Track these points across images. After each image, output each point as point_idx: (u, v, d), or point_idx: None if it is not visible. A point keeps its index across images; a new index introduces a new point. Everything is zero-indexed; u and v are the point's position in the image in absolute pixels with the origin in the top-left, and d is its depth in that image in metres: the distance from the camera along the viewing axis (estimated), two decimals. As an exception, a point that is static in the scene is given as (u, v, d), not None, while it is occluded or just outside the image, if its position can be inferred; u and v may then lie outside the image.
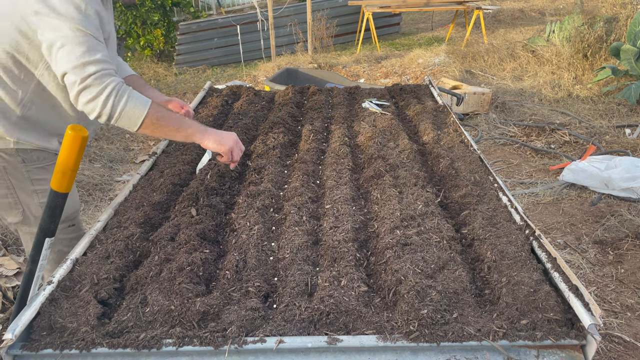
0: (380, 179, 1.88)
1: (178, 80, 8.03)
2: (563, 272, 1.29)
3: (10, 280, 2.73)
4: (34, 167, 1.81)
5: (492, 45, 7.95)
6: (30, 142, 1.77)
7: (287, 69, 5.29)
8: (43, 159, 1.82)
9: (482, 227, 1.55)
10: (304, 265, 1.41)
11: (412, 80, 7.09)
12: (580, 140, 4.77)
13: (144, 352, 1.15)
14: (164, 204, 1.82)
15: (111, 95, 1.53)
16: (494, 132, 5.15)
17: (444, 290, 1.26)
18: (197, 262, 1.41)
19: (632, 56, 5.55)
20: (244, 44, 8.37)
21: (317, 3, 9.14)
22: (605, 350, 2.39)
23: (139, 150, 5.18)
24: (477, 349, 1.14)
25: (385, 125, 2.41)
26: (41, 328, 1.22)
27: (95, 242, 1.57)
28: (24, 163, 1.79)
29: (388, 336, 1.15)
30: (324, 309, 1.20)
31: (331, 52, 8.87)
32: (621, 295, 2.77)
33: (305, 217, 1.66)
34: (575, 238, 3.29)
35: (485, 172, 1.92)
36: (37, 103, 1.74)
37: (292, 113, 2.70)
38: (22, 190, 1.82)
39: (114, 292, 1.36)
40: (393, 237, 1.47)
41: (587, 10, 7.76)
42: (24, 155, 1.78)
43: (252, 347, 1.14)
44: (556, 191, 3.86)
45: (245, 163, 2.17)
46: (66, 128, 1.48)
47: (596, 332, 1.09)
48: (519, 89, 6.27)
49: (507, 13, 10.72)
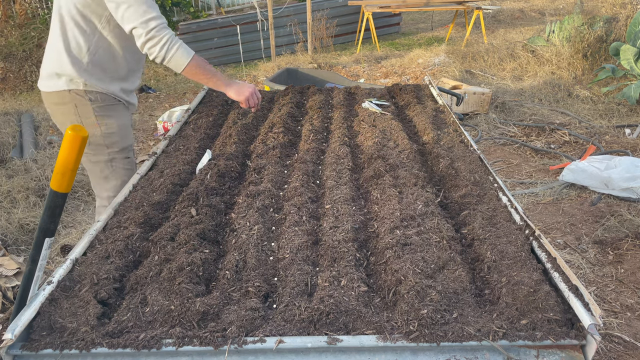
0: (380, 179, 1.88)
1: (178, 80, 8.03)
2: (563, 272, 1.29)
3: (10, 280, 2.73)
4: (97, 105, 2.24)
5: (492, 45, 7.95)
6: (95, 85, 2.20)
7: (287, 69, 5.29)
8: (104, 100, 2.25)
9: (482, 227, 1.55)
10: (304, 265, 1.41)
11: (412, 80, 7.09)
12: (580, 140, 4.77)
13: (144, 352, 1.14)
14: (164, 204, 1.82)
15: (166, 43, 2.06)
16: (494, 132, 5.16)
17: (444, 290, 1.26)
18: (197, 262, 1.41)
19: (632, 56, 5.55)
20: (244, 44, 8.37)
21: (317, 3, 9.14)
22: (605, 350, 2.39)
23: (139, 151, 5.18)
24: (477, 349, 1.14)
25: (385, 125, 2.41)
26: (41, 328, 1.22)
27: (95, 242, 1.57)
28: (91, 102, 2.22)
29: (388, 336, 1.15)
30: (323, 309, 1.20)
31: (331, 52, 8.87)
32: (621, 295, 2.77)
33: (305, 217, 1.66)
34: (575, 238, 3.29)
35: (485, 172, 1.92)
36: (99, 52, 2.18)
37: (292, 113, 2.70)
38: (88, 122, 2.23)
39: (114, 292, 1.36)
40: (393, 237, 1.47)
41: (587, 10, 7.77)
42: (91, 95, 2.21)
43: (252, 347, 1.14)
44: (556, 191, 3.86)
45: (245, 163, 2.18)
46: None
47: (596, 332, 1.09)
48: (519, 89, 6.27)
49: (507, 13, 10.72)
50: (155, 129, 5.71)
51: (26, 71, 7.61)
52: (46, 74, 2.24)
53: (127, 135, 2.36)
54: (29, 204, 3.82)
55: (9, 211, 3.70)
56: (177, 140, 2.40)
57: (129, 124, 2.42)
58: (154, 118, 6.15)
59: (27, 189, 3.98)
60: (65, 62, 2.16)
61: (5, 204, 3.82)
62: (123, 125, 2.34)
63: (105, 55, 2.20)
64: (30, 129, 5.26)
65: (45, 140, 5.05)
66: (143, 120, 6.18)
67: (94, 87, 2.21)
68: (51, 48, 2.21)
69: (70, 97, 2.20)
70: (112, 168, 2.34)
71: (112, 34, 2.16)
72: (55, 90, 2.21)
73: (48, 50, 2.24)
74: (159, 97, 7.24)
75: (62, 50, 2.15)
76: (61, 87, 2.20)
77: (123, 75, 2.31)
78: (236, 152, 2.19)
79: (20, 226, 3.53)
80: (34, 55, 7.63)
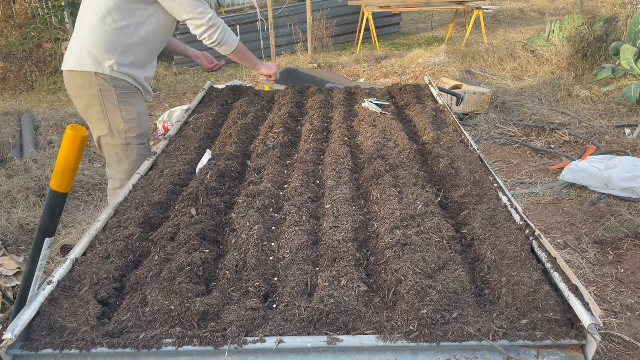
0: (380, 179, 1.88)
1: (178, 80, 8.03)
2: (563, 272, 1.29)
3: (10, 280, 2.73)
4: (120, 92, 2.37)
5: (492, 45, 7.95)
6: (121, 71, 2.33)
7: (287, 69, 5.29)
8: (127, 87, 2.39)
9: (482, 227, 1.55)
10: (304, 265, 1.41)
11: (412, 80, 7.09)
12: (580, 140, 4.77)
13: (144, 352, 1.14)
14: (164, 204, 1.82)
15: (223, 31, 2.45)
16: (494, 132, 5.15)
17: (444, 290, 1.26)
18: (197, 262, 1.41)
19: (632, 56, 5.55)
20: (244, 43, 8.37)
21: (317, 3, 9.14)
22: (605, 350, 2.39)
23: (139, 150, 5.17)
24: (477, 349, 1.14)
25: (385, 125, 2.41)
26: (41, 328, 1.22)
27: (95, 242, 1.57)
28: (115, 88, 2.34)
29: (388, 336, 1.15)
30: (324, 309, 1.20)
31: (331, 52, 8.87)
32: (621, 295, 2.77)
33: (305, 217, 1.66)
34: (575, 238, 3.29)
35: (485, 172, 1.92)
36: (137, 36, 2.33)
37: (292, 113, 2.70)
38: (111, 108, 2.36)
39: (114, 292, 1.36)
40: (393, 237, 1.47)
41: (587, 10, 7.76)
42: (116, 82, 2.34)
43: (252, 347, 1.14)
44: (556, 191, 3.86)
45: (245, 163, 2.18)
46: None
47: (596, 332, 1.09)
48: (519, 89, 6.27)
49: (507, 13, 10.72)
50: (155, 129, 5.71)
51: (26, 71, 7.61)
52: (76, 51, 2.31)
53: (144, 123, 2.51)
54: (29, 204, 3.82)
55: (9, 211, 3.70)
56: (177, 140, 2.40)
57: (146, 112, 2.56)
58: (154, 118, 6.15)
59: (27, 189, 3.98)
60: (97, 45, 2.26)
61: (5, 204, 3.82)
62: (142, 112, 2.49)
63: (140, 41, 2.34)
64: (30, 129, 5.26)
65: (45, 140, 5.05)
66: (143, 120, 6.17)
67: (120, 73, 2.33)
68: (85, 25, 2.29)
69: (96, 81, 2.30)
70: (127, 152, 2.47)
71: (155, 20, 2.33)
72: (83, 71, 2.29)
73: (81, 27, 2.31)
74: (159, 97, 7.24)
75: (99, 29, 2.25)
76: (89, 68, 2.28)
77: (147, 62, 2.46)
78: (236, 152, 2.19)
79: (20, 226, 3.53)
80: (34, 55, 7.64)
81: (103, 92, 2.33)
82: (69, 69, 2.33)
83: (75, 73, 2.32)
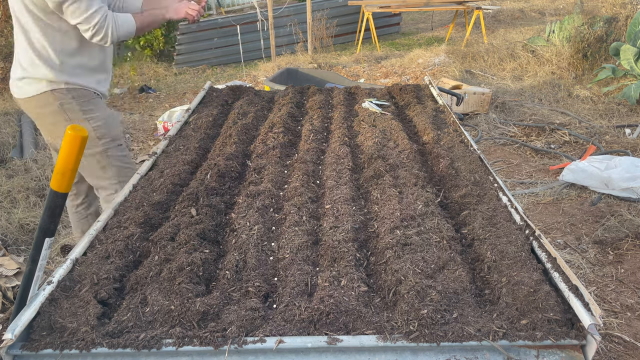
0: (380, 179, 1.88)
1: (178, 80, 8.03)
2: (563, 272, 1.29)
3: (10, 280, 2.73)
4: (82, 101, 2.32)
5: (492, 45, 7.95)
6: (74, 82, 2.28)
7: (287, 69, 5.29)
8: (85, 95, 2.34)
9: (482, 227, 1.55)
10: (304, 265, 1.41)
11: (412, 80, 7.09)
12: (580, 140, 4.77)
13: (144, 352, 1.14)
14: (164, 204, 1.82)
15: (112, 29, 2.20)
16: (494, 132, 5.15)
17: (444, 290, 1.26)
18: (197, 262, 1.41)
19: (632, 56, 5.55)
20: (244, 44, 8.37)
21: (317, 3, 9.14)
22: (605, 350, 2.39)
23: (139, 150, 5.18)
24: (477, 349, 1.14)
25: (385, 125, 2.41)
26: (41, 328, 1.22)
27: (95, 242, 1.57)
28: (74, 99, 2.30)
29: (388, 336, 1.15)
30: (323, 309, 1.20)
31: (331, 52, 8.88)
32: (621, 295, 2.77)
33: (305, 217, 1.66)
34: (575, 238, 3.29)
35: (485, 172, 1.92)
36: (65, 48, 2.24)
37: (292, 113, 2.70)
38: (77, 119, 2.31)
39: (114, 292, 1.36)
40: (393, 237, 1.47)
41: (587, 10, 7.77)
42: (74, 93, 2.30)
43: (252, 347, 1.14)
44: (556, 191, 3.86)
45: (245, 163, 2.18)
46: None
47: (596, 332, 1.09)
48: (519, 89, 6.27)
49: (507, 13, 10.72)
50: (155, 129, 5.71)
51: (26, 71, 7.60)
52: (22, 80, 2.26)
53: (113, 125, 2.46)
54: (29, 204, 3.82)
55: (9, 211, 3.70)
56: (177, 140, 2.40)
57: (111, 114, 2.51)
58: (154, 118, 6.15)
59: (27, 189, 3.98)
60: (39, 66, 2.21)
61: (5, 204, 3.82)
62: (107, 116, 2.45)
63: (71, 50, 2.26)
64: (30, 129, 5.26)
65: (46, 140, 5.04)
66: (143, 120, 6.18)
67: (73, 84, 2.29)
68: (21, 53, 2.24)
69: (54, 98, 2.26)
70: (108, 157, 2.45)
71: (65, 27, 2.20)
72: (37, 94, 2.25)
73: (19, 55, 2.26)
74: (159, 97, 7.24)
75: (33, 55, 2.21)
76: (42, 89, 2.25)
77: (95, 66, 2.38)
78: (236, 152, 2.19)
79: (20, 226, 3.53)
80: (34, 55, 7.62)
81: (65, 105, 2.30)
82: (27, 97, 2.29)
83: (31, 98, 2.29)
